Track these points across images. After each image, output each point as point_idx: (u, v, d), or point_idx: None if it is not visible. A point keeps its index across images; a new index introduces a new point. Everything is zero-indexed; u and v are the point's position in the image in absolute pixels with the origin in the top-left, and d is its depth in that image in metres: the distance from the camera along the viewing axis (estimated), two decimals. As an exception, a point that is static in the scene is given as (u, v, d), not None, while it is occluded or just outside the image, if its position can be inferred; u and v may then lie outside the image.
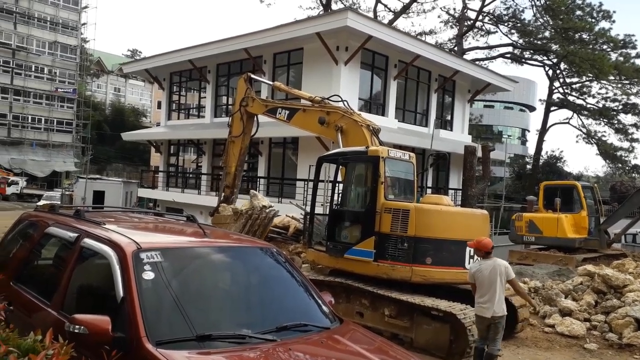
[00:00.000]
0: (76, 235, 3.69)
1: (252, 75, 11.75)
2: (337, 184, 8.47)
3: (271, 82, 12.25)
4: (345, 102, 9.51)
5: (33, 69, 47.76)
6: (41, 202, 26.41)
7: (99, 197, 26.96)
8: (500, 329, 5.86)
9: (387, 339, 4.16)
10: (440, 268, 6.96)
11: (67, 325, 2.77)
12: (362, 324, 5.81)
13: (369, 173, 7.56)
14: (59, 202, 26.05)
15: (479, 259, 6.17)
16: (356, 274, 7.46)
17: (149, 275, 3.11)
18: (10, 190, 39.46)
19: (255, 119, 11.57)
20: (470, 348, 6.27)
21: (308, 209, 9.59)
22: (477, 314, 5.90)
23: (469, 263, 7.11)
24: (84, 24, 51.92)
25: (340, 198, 8.28)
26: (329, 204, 8.41)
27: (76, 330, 2.71)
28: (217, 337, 2.92)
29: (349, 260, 7.47)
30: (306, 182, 14.96)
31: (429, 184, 21.76)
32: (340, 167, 8.41)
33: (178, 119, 26.89)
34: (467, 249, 7.08)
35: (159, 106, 33.88)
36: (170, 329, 2.94)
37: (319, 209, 9.48)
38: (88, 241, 3.53)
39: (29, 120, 47.80)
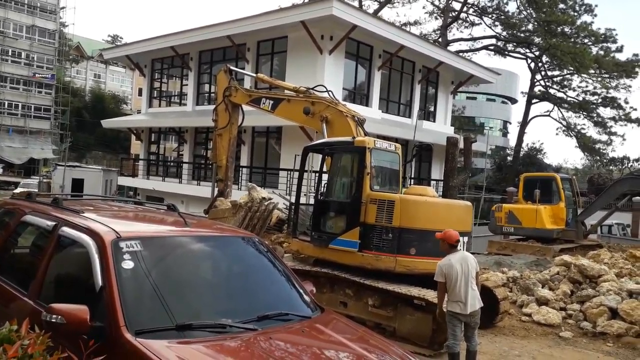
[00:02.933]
0: (54, 223, 3.63)
1: (232, 67, 11.68)
2: (322, 175, 8.46)
3: (254, 74, 12.13)
4: (330, 93, 9.48)
5: (10, 54, 46.52)
6: (18, 190, 25.89)
7: (77, 185, 26.46)
8: (477, 324, 5.74)
9: (369, 329, 4.20)
10: (424, 258, 6.96)
11: (44, 314, 2.73)
12: (345, 314, 5.84)
13: (354, 164, 7.56)
14: (37, 190, 25.58)
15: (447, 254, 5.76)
16: (341, 264, 7.50)
17: (128, 264, 3.07)
18: (-15, 177, 38.65)
19: (240, 108, 11.48)
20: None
21: (292, 199, 9.58)
22: (453, 311, 5.56)
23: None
24: (63, 7, 50.62)
25: (325, 188, 8.29)
26: (314, 194, 8.38)
27: (53, 320, 2.67)
28: (197, 326, 2.91)
29: (333, 251, 7.50)
30: (289, 172, 14.92)
31: (412, 174, 21.91)
32: (326, 157, 8.39)
33: (159, 106, 26.56)
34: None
35: (140, 93, 33.39)
36: (150, 318, 2.92)
37: (302, 199, 9.47)
38: (66, 230, 3.48)
39: (6, 106, 46.61)
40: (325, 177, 8.42)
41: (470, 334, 5.74)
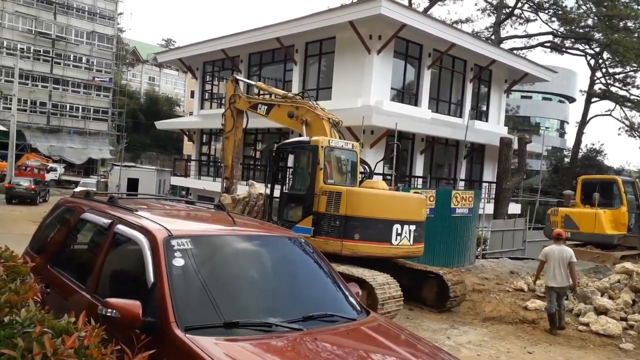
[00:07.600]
0: (110, 221, 3.76)
1: (238, 77, 13.05)
2: (286, 170, 9.81)
3: (254, 82, 13.14)
4: (311, 98, 10.41)
5: (71, 59, 49.07)
6: (78, 189, 27.26)
7: (133, 184, 27.55)
8: (563, 296, 8.16)
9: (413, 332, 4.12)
10: (367, 243, 8.04)
11: (100, 308, 2.84)
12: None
13: (310, 160, 8.68)
14: (95, 189, 26.82)
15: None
16: None
17: (179, 262, 3.14)
18: (49, 176, 40.84)
19: (245, 113, 12.56)
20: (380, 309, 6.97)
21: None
22: (547, 284, 8.07)
23: (396, 240, 8.23)
24: (121, 13, 53.33)
25: (290, 182, 9.56)
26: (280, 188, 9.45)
27: (108, 314, 2.77)
28: (244, 324, 2.94)
29: None
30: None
31: (462, 176, 21.40)
32: (290, 155, 9.62)
33: (210, 108, 27.19)
34: (394, 227, 8.19)
35: (192, 95, 34.34)
36: (199, 315, 2.97)
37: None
38: (121, 227, 3.60)
39: (67, 109, 49.24)
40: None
41: (560, 301, 8.10)
